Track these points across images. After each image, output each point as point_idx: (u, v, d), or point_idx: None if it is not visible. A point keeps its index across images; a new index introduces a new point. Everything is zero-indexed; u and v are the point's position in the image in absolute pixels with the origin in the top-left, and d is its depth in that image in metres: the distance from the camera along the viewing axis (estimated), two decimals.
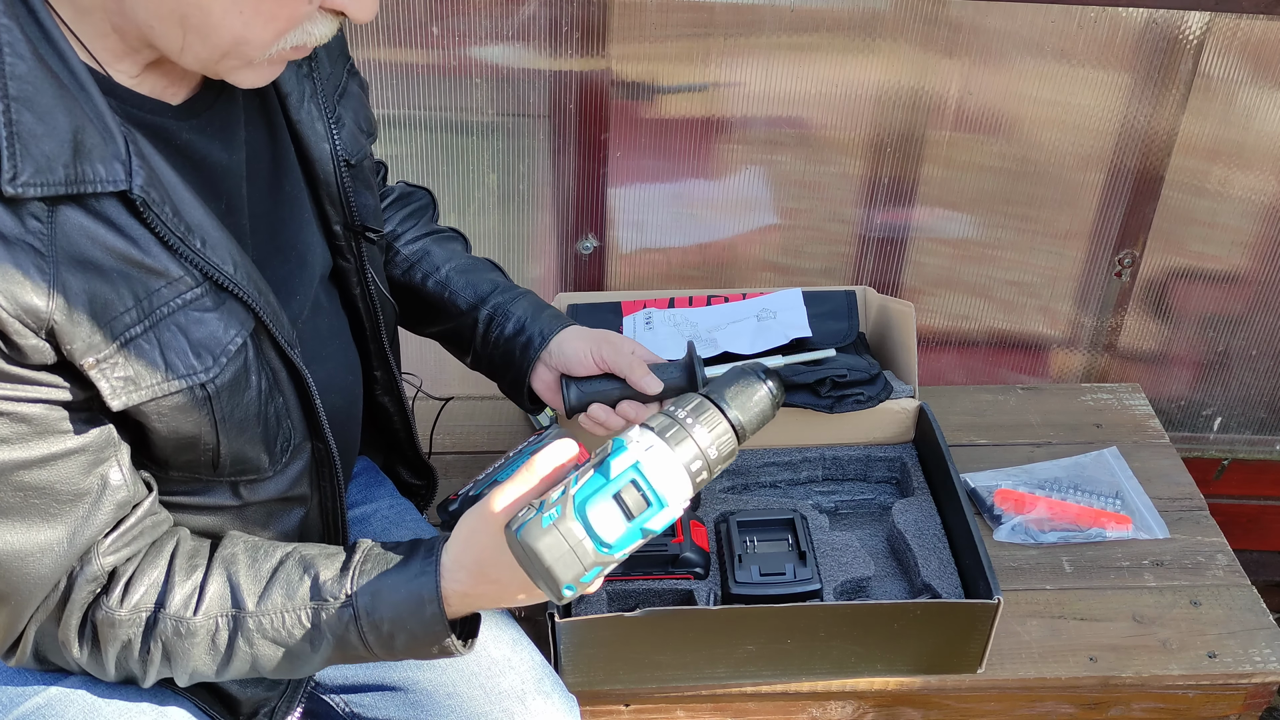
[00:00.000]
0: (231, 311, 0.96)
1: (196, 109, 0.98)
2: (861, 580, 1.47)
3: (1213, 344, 2.07)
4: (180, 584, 0.99)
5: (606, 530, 0.92)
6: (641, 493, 0.93)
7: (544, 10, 1.71)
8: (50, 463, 0.91)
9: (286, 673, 1.04)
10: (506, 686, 1.20)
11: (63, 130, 0.85)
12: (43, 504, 0.92)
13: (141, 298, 0.90)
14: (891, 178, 1.90)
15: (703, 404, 0.97)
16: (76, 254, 0.86)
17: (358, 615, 1.00)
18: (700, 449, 0.95)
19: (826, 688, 1.42)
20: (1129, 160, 1.87)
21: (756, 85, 1.80)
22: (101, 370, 0.89)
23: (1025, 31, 1.76)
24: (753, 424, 0.99)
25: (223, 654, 1.00)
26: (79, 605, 0.97)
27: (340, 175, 1.14)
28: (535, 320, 1.31)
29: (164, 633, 0.99)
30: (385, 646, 1.02)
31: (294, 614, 1.00)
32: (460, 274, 1.35)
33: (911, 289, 2.01)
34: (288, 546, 1.04)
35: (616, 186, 1.88)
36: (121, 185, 0.87)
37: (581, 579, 0.93)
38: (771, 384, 1.00)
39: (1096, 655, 1.46)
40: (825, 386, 1.58)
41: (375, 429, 1.35)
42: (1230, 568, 1.59)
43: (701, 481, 0.96)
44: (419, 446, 1.41)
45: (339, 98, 1.15)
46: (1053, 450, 1.77)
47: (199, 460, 1.00)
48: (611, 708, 1.44)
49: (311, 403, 1.07)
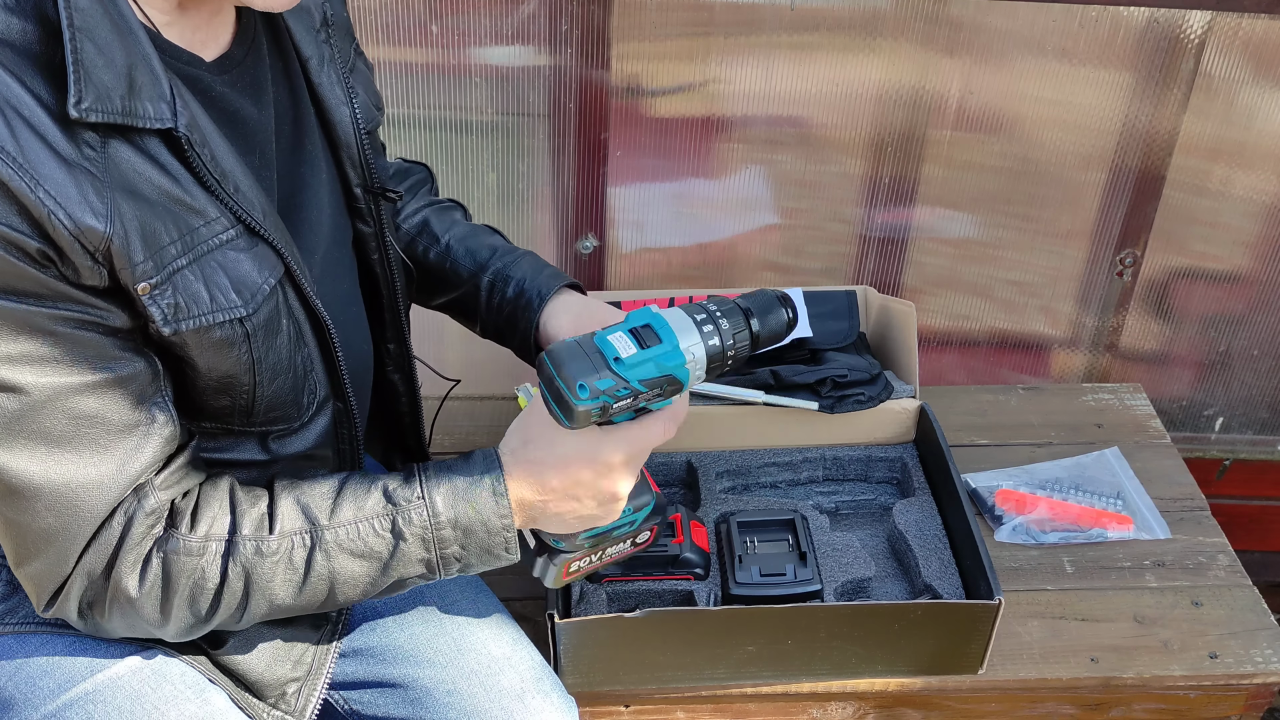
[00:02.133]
0: (263, 256, 0.98)
1: (227, 66, 1.01)
2: (862, 581, 1.47)
3: (1214, 344, 2.07)
4: (249, 511, 1.00)
5: (620, 348, 0.99)
6: (656, 331, 1.01)
7: (544, 10, 1.71)
8: (102, 390, 0.91)
9: (358, 591, 1.04)
10: (506, 685, 1.20)
11: (120, 64, 0.87)
12: (94, 433, 0.92)
13: (184, 233, 0.92)
14: (892, 177, 1.89)
15: (729, 303, 1.05)
16: (127, 184, 0.88)
17: (434, 513, 1.01)
18: (717, 325, 1.02)
19: (827, 688, 1.42)
20: (1130, 160, 1.87)
21: (756, 85, 1.79)
22: (153, 297, 0.90)
23: (1026, 31, 1.75)
24: (767, 335, 1.06)
25: (302, 573, 1.00)
26: (136, 541, 0.96)
27: (360, 138, 1.16)
28: (534, 280, 1.31)
29: (244, 555, 0.98)
30: (456, 544, 1.03)
31: (369, 523, 1.01)
32: (460, 242, 1.36)
33: (912, 289, 2.01)
34: (341, 473, 1.06)
35: (616, 186, 1.88)
36: (168, 123, 0.90)
37: (596, 384, 0.98)
38: (789, 311, 1.08)
39: (1098, 656, 1.46)
40: (826, 386, 1.58)
41: (378, 412, 1.34)
42: (1232, 568, 1.58)
43: (715, 355, 1.02)
44: (423, 433, 1.40)
45: (349, 73, 1.17)
46: (1054, 450, 1.77)
47: (234, 406, 1.01)
48: (611, 708, 1.44)
49: (334, 356, 1.09)
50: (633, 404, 1.01)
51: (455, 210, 1.42)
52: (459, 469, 1.04)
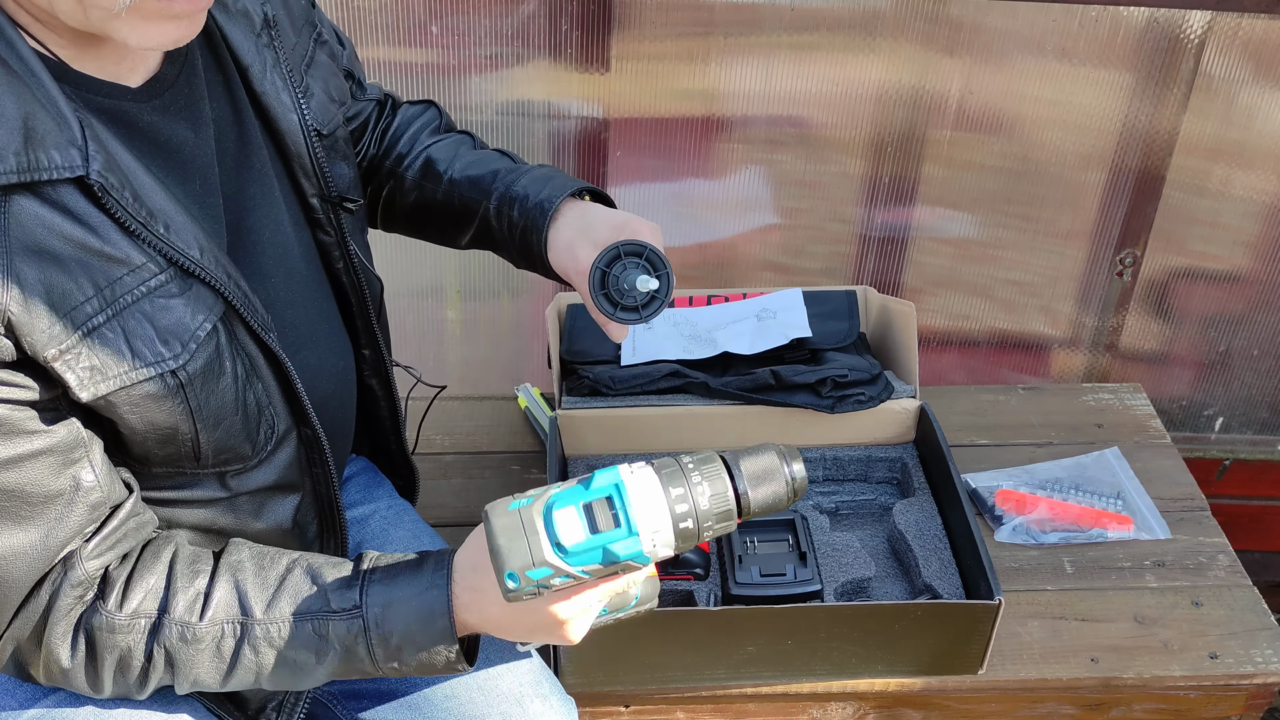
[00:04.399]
0: (199, 297, 0.94)
1: (157, 89, 0.96)
2: (862, 581, 1.47)
3: (1214, 344, 2.07)
4: (183, 589, 0.97)
5: (566, 534, 0.89)
6: (613, 511, 0.89)
7: (544, 10, 1.71)
8: (18, 464, 0.88)
9: (290, 684, 1.02)
10: (505, 689, 1.19)
11: (12, 117, 0.82)
12: (13, 506, 0.90)
13: (103, 286, 0.88)
14: (892, 177, 1.89)
15: (715, 462, 0.93)
16: (32, 244, 0.84)
17: (367, 627, 0.99)
18: (693, 498, 0.91)
19: (827, 689, 1.42)
20: (1130, 160, 1.87)
21: (756, 85, 1.79)
22: (65, 362, 0.86)
23: (1026, 30, 1.75)
24: (759, 505, 0.93)
25: (228, 662, 0.99)
26: (64, 612, 0.95)
27: (312, 145, 1.11)
28: (536, 197, 1.22)
29: (169, 639, 0.97)
30: (392, 659, 1.00)
31: (302, 624, 0.98)
32: (462, 173, 1.29)
33: (912, 289, 2.01)
34: (294, 554, 1.03)
35: (616, 186, 1.88)
36: (78, 171, 0.85)
37: (529, 574, 0.89)
38: (796, 477, 0.94)
39: (1098, 656, 1.46)
40: (826, 386, 1.58)
41: (361, 417, 1.31)
42: (1232, 568, 1.58)
43: (686, 532, 0.91)
44: (404, 438, 1.38)
45: (306, 67, 1.12)
46: (1054, 450, 1.76)
47: (180, 453, 0.98)
48: (611, 709, 1.44)
49: (293, 388, 1.05)
50: (578, 587, 0.92)
51: (462, 142, 1.34)
52: (405, 579, 1.00)
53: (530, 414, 1.77)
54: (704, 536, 0.92)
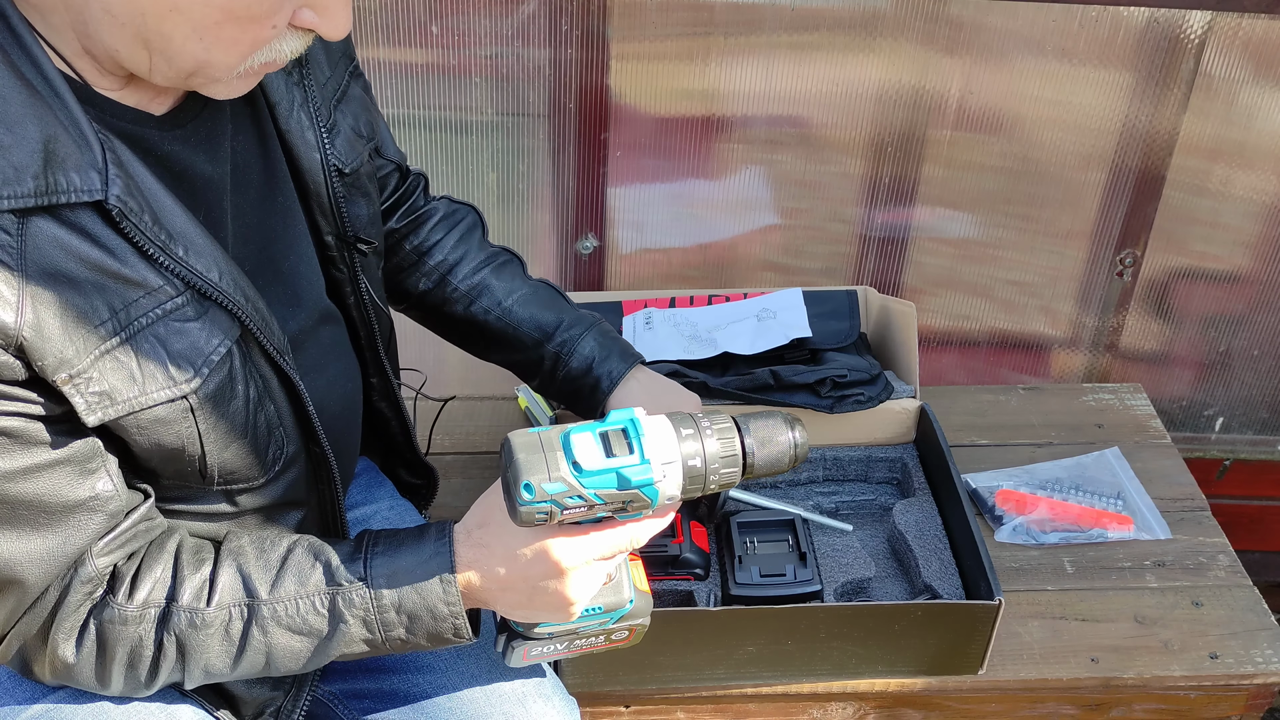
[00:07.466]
0: (215, 320, 0.95)
1: (181, 120, 0.97)
2: (862, 581, 1.47)
3: (1214, 344, 2.07)
4: (189, 577, 0.98)
5: (583, 456, 0.91)
6: (628, 440, 0.93)
7: (544, 10, 1.71)
8: (35, 474, 0.89)
9: (297, 665, 1.02)
10: (507, 689, 1.19)
11: (33, 139, 0.82)
12: (31, 515, 0.90)
13: (118, 309, 0.88)
14: (892, 177, 1.89)
15: (724, 419, 0.96)
16: (49, 267, 0.84)
17: (375, 598, 0.99)
18: (702, 441, 0.94)
19: (827, 689, 1.42)
20: (1130, 160, 1.87)
21: (756, 85, 1.79)
22: (75, 386, 0.87)
23: (1026, 30, 1.75)
24: (763, 464, 0.97)
25: (237, 645, 0.99)
26: (73, 609, 0.96)
27: (331, 185, 1.12)
28: (604, 362, 1.33)
29: (178, 626, 0.97)
30: (398, 627, 1.00)
31: (308, 600, 0.99)
32: (523, 306, 1.35)
33: (912, 289, 2.01)
34: (293, 536, 1.03)
35: (616, 186, 1.88)
36: (97, 195, 0.85)
37: (545, 487, 0.90)
38: (799, 442, 0.98)
39: (1098, 656, 1.46)
40: (826, 386, 1.58)
41: (374, 432, 1.34)
42: (1232, 568, 1.58)
43: (694, 472, 0.94)
44: (417, 449, 1.40)
45: (337, 102, 1.14)
46: (1054, 451, 1.76)
47: (186, 471, 0.99)
48: (612, 709, 1.44)
49: (305, 410, 1.06)
50: (589, 514, 0.94)
51: (513, 264, 1.40)
52: (409, 547, 1.01)
53: (530, 414, 1.77)
54: (710, 482, 0.95)
